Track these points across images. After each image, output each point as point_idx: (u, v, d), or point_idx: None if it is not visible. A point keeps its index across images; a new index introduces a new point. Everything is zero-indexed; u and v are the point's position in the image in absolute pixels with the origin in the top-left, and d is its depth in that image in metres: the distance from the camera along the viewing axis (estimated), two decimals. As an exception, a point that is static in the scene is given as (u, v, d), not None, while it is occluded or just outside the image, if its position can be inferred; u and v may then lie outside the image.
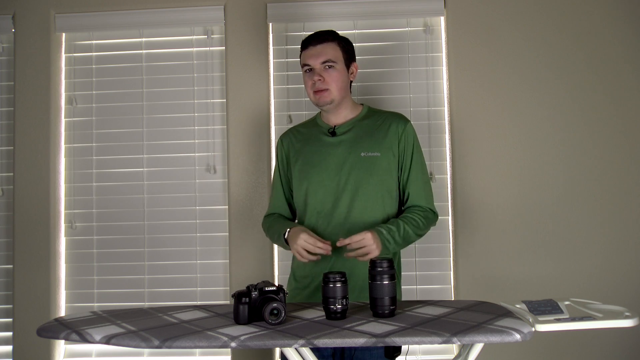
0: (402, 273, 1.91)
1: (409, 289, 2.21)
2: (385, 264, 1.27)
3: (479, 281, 2.17)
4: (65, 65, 2.38)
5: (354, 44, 2.21)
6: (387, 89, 2.29)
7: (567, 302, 1.27)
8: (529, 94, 2.22)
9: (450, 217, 2.23)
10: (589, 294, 1.97)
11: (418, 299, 1.79)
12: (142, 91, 2.34)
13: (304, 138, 1.76)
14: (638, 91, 2.20)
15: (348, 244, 1.49)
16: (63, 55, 2.37)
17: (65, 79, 2.37)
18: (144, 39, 2.36)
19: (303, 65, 1.68)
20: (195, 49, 2.34)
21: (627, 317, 1.14)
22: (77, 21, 2.34)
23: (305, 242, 1.54)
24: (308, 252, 1.54)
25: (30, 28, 2.32)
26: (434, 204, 1.72)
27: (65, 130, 2.36)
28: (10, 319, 2.27)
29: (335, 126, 1.71)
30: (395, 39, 2.30)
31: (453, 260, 2.22)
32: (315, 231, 1.64)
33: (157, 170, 2.32)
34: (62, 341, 2.27)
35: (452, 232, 2.22)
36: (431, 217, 1.69)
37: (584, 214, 2.18)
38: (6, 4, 2.33)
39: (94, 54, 2.37)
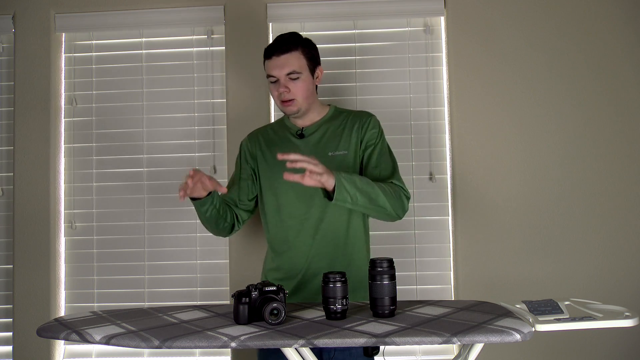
0: (398, 273, 1.89)
1: (409, 289, 2.21)
2: (385, 264, 1.28)
3: (479, 281, 2.17)
4: (65, 65, 2.37)
5: (354, 44, 2.21)
6: (387, 89, 2.29)
7: (567, 302, 1.27)
8: (529, 94, 2.22)
9: (450, 217, 2.23)
10: (589, 294, 1.97)
11: (418, 299, 1.79)
12: (142, 91, 2.34)
13: (271, 139, 1.76)
14: (638, 91, 2.20)
15: (293, 161, 1.40)
16: (63, 55, 2.37)
17: (65, 79, 2.37)
18: (144, 39, 2.36)
19: (268, 75, 1.66)
20: (195, 49, 2.34)
21: (627, 317, 1.14)
22: (77, 21, 2.34)
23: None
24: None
25: (30, 28, 2.32)
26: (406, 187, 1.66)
27: (65, 130, 2.36)
28: (10, 319, 2.27)
29: (303, 128, 1.72)
30: (395, 39, 2.30)
31: (453, 260, 2.22)
32: (288, 233, 1.66)
33: (157, 170, 2.32)
34: (62, 341, 2.27)
35: (452, 232, 2.22)
36: (400, 192, 1.60)
37: (584, 214, 2.18)
38: (6, 4, 2.33)
39: (94, 54, 2.37)
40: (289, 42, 1.64)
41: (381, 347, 1.38)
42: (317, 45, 1.73)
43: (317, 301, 1.49)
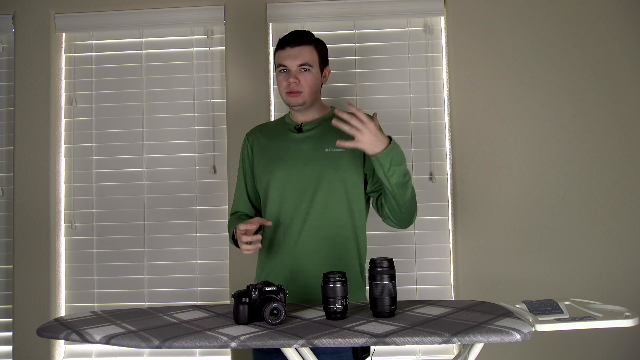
0: (398, 273, 1.88)
1: (409, 289, 2.21)
2: (385, 264, 1.28)
3: (479, 281, 2.17)
4: (65, 65, 2.38)
5: (354, 44, 2.22)
6: (387, 89, 2.29)
7: (567, 302, 1.26)
8: (529, 93, 2.22)
9: (450, 217, 2.23)
10: (589, 294, 1.97)
11: (418, 299, 1.79)
12: (142, 91, 2.34)
13: (270, 134, 1.77)
14: (638, 91, 2.20)
15: (350, 112, 1.46)
16: (63, 55, 2.37)
17: (65, 79, 2.37)
18: (144, 39, 2.36)
19: (278, 65, 1.68)
20: (195, 49, 2.34)
21: (627, 317, 1.14)
22: (77, 21, 2.34)
23: (241, 234, 1.51)
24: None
25: (30, 28, 2.32)
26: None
27: (65, 130, 2.36)
28: (10, 319, 2.27)
29: (302, 123, 1.72)
30: (395, 39, 2.30)
31: (453, 260, 2.22)
32: (278, 225, 1.64)
33: (157, 170, 2.32)
34: (62, 341, 2.27)
35: (452, 232, 2.22)
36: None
37: (584, 214, 2.18)
38: (6, 4, 2.33)
39: (94, 54, 2.37)
40: (304, 36, 1.68)
41: (372, 348, 1.38)
42: (318, 45, 1.73)
43: (307, 297, 1.53)
